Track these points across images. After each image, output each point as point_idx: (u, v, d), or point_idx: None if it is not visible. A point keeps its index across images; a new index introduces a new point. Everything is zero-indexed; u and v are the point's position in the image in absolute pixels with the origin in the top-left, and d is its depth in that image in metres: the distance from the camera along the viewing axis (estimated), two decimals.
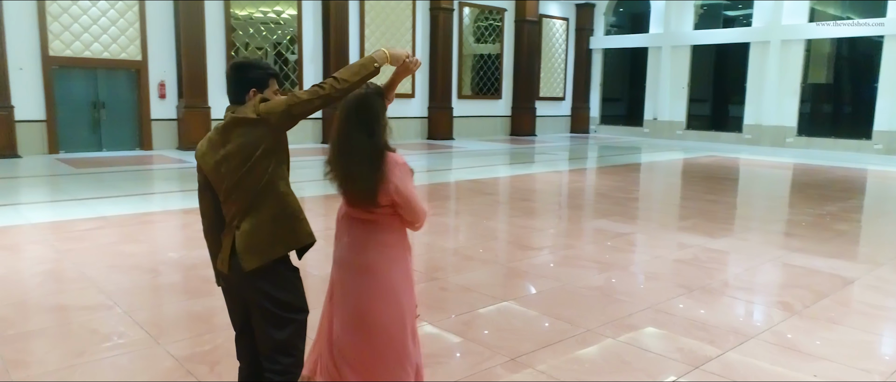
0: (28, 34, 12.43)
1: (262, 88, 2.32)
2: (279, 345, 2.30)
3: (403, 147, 16.40)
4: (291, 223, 2.32)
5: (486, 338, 3.77)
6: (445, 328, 3.92)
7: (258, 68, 2.34)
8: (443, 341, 3.73)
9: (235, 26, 15.35)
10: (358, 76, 2.20)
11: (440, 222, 7.31)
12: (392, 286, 2.31)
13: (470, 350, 3.59)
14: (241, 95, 2.31)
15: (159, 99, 14.33)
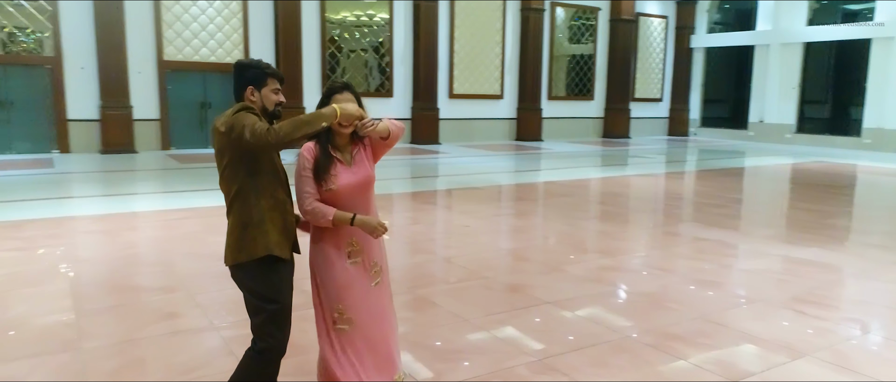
0: (146, 41, 13.64)
1: (260, 86, 2.45)
2: (254, 329, 2.45)
3: (490, 148, 16.45)
4: (253, 234, 2.38)
5: (517, 338, 3.74)
6: (478, 325, 3.92)
7: (256, 68, 2.46)
8: (472, 338, 3.74)
9: (330, 29, 16.04)
10: (298, 132, 2.26)
11: (507, 223, 7.28)
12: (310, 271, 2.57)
13: (497, 349, 3.58)
14: (239, 93, 2.46)
15: None
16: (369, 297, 2.59)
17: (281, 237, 2.44)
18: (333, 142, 2.52)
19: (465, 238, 6.47)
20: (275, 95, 2.47)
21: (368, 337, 2.57)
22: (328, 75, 16.11)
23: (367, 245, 2.59)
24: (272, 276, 2.42)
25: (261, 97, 2.45)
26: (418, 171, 12.47)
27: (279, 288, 2.43)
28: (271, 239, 2.39)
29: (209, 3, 14.31)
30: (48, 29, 12.78)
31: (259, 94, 2.45)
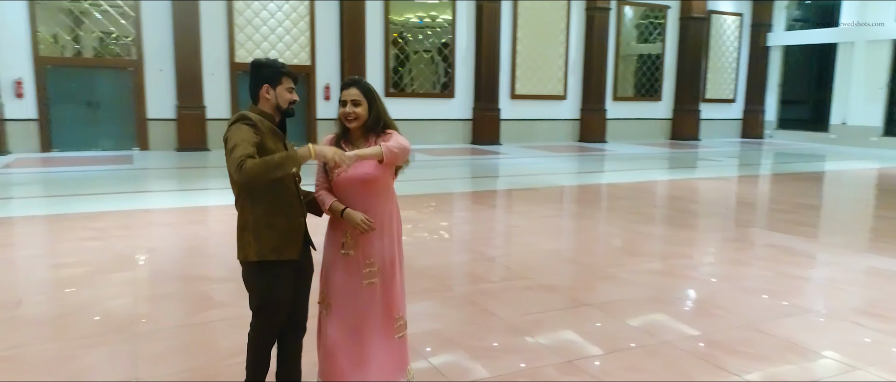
0: (219, 44, 14.32)
1: (275, 84, 2.53)
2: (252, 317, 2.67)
3: (551, 149, 16.30)
4: (248, 238, 2.51)
5: (549, 339, 3.71)
6: (512, 325, 3.93)
7: (270, 67, 2.54)
8: (504, 337, 3.74)
9: (393, 31, 16.32)
10: (268, 175, 2.32)
11: (559, 224, 7.22)
12: None
13: (528, 349, 3.57)
14: (255, 91, 2.55)
15: (324, 100, 15.70)
16: (355, 292, 2.67)
17: (281, 241, 2.52)
18: (347, 136, 2.62)
19: (514, 239, 6.46)
20: (289, 94, 2.56)
21: (344, 327, 2.68)
22: (391, 77, 16.40)
23: (364, 243, 2.65)
24: (265, 276, 2.54)
25: (276, 95, 2.53)
26: (476, 171, 12.50)
27: (271, 286, 2.55)
28: (265, 245, 2.49)
29: (278, 7, 14.86)
30: (131, 33, 13.62)
31: (274, 92, 2.53)
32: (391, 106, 12.35)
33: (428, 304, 4.32)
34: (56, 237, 6.32)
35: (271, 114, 2.55)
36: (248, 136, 2.38)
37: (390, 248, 2.73)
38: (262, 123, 2.49)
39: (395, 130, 2.69)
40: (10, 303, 4.24)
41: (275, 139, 2.51)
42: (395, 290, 2.75)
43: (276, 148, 2.48)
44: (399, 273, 2.79)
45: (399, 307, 2.78)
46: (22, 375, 3.18)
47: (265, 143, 2.44)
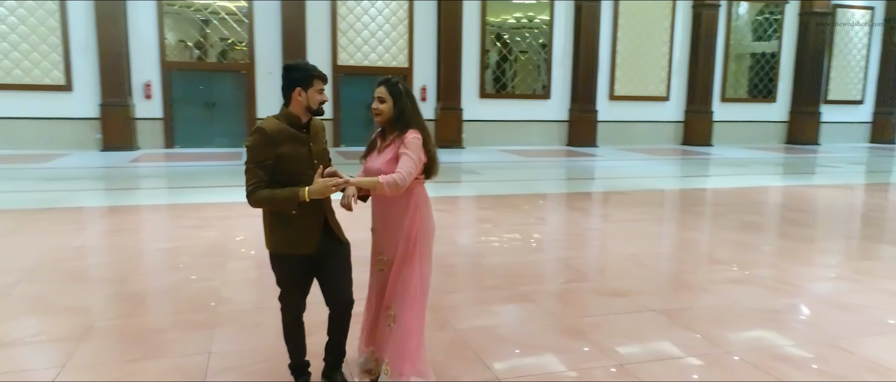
0: (323, 48, 15.08)
1: (306, 87, 2.68)
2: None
3: (651, 152, 15.75)
4: (267, 231, 2.80)
5: (605, 341, 3.65)
6: (570, 325, 3.90)
7: (302, 70, 2.70)
8: (558, 337, 3.73)
9: (489, 32, 16.43)
10: (268, 205, 2.64)
11: (641, 228, 7.01)
12: None
13: (580, 350, 3.54)
14: (287, 93, 2.71)
15: (421, 102, 16.07)
16: (374, 272, 3.02)
17: (295, 236, 2.71)
18: (383, 131, 2.76)
19: (590, 241, 6.36)
20: (319, 95, 2.73)
21: (369, 299, 3.05)
22: (487, 78, 16.51)
23: (382, 231, 2.93)
24: (279, 265, 2.81)
25: (307, 97, 2.69)
26: (567, 173, 12.33)
27: (285, 275, 2.82)
28: (279, 239, 2.74)
29: (379, 11, 15.40)
30: (245, 39, 14.67)
31: (306, 94, 2.69)
32: (487, 107, 12.62)
33: (487, 302, 4.37)
34: (164, 224, 6.97)
35: (300, 114, 2.71)
36: (260, 155, 2.61)
37: (401, 246, 2.84)
38: (283, 131, 2.65)
39: (420, 129, 2.82)
40: (116, 280, 4.76)
41: (295, 144, 2.68)
42: (395, 283, 2.87)
43: (295, 152, 2.67)
44: (405, 270, 2.85)
45: (391, 299, 2.89)
46: (116, 343, 3.57)
47: (282, 150, 2.64)
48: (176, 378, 3.14)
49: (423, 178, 2.90)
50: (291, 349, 2.95)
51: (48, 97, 13.44)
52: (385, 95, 2.81)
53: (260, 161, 2.60)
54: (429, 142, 2.84)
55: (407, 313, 2.84)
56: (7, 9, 13.04)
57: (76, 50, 13.48)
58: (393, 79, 2.85)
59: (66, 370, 3.20)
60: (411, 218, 2.84)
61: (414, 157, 2.73)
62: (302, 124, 2.73)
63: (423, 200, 2.91)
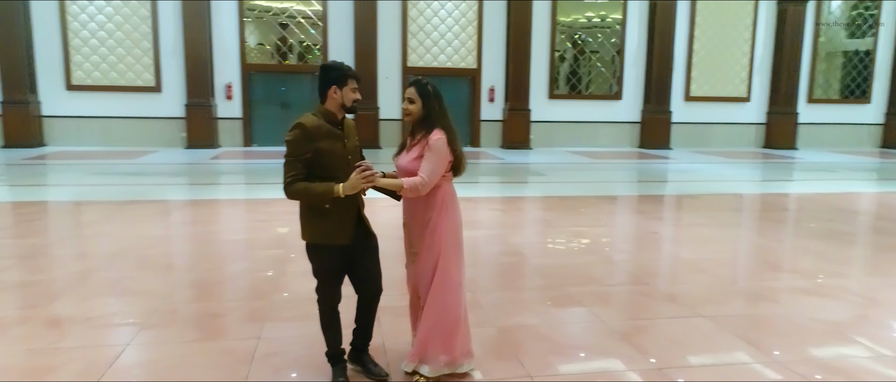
0: (393, 50, 15.40)
1: (341, 85, 2.82)
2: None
3: (727, 155, 15.14)
4: (303, 223, 2.93)
5: (647, 344, 3.59)
6: (612, 328, 3.85)
7: (337, 70, 2.83)
8: (598, 339, 3.69)
9: (560, 32, 16.26)
10: (303, 197, 2.80)
11: (703, 233, 6.78)
12: None
13: (619, 352, 3.49)
14: (323, 92, 2.84)
15: (489, 102, 16.12)
16: (408, 266, 3.10)
17: (331, 228, 2.86)
18: (412, 130, 2.85)
19: (649, 245, 6.21)
20: (353, 94, 2.85)
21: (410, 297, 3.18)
22: (555, 78, 16.35)
23: (409, 225, 3.04)
24: (316, 255, 2.96)
25: (342, 95, 2.82)
26: (635, 175, 12.04)
27: (321, 264, 2.96)
28: (316, 230, 2.88)
29: (448, 13, 15.57)
30: (319, 41, 15.20)
31: (340, 92, 2.82)
32: (556, 108, 12.53)
33: (532, 301, 4.38)
34: (236, 217, 7.36)
35: (335, 112, 2.84)
36: (299, 149, 2.75)
37: (426, 240, 2.94)
38: (321, 127, 2.79)
39: (445, 131, 2.87)
40: (186, 267, 5.09)
41: (331, 140, 2.82)
42: (424, 276, 2.98)
43: (332, 148, 2.81)
44: (432, 264, 2.94)
45: (421, 290, 3.01)
46: (177, 325, 3.84)
47: (320, 145, 2.77)
48: (226, 359, 3.34)
49: (451, 175, 2.98)
50: (328, 338, 3.08)
51: (140, 98, 14.43)
52: (414, 95, 2.89)
53: (299, 155, 2.75)
54: (454, 141, 2.91)
55: (436, 304, 2.94)
56: (105, 16, 14.11)
57: (165, 54, 14.40)
58: (422, 80, 2.93)
59: (130, 347, 3.47)
60: (437, 214, 2.92)
61: (436, 160, 2.82)
62: (338, 122, 2.87)
63: (450, 197, 2.98)
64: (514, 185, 10.65)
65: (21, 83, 13.57)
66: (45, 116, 14.14)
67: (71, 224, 6.91)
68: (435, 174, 2.84)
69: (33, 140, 13.80)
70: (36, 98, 13.97)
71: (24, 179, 10.09)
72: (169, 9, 14.25)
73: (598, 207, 8.11)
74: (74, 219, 7.23)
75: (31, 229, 6.47)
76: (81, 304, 4.15)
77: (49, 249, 5.62)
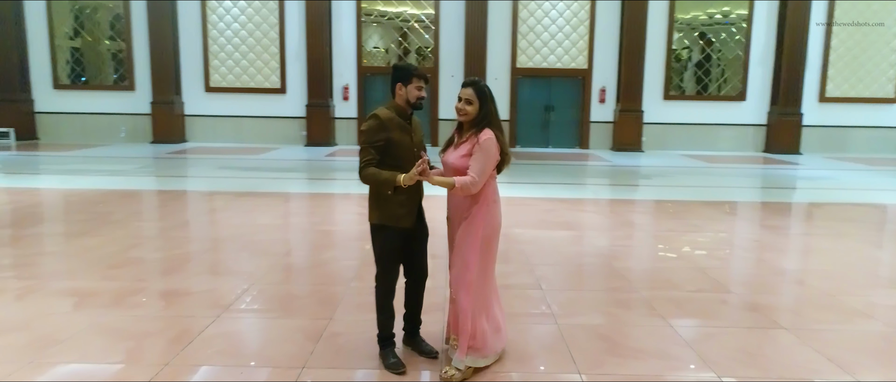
0: (503, 51, 15.50)
1: (406, 83, 3.02)
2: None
3: (871, 162, 13.77)
4: (371, 205, 3.13)
5: (712, 352, 3.44)
6: (680, 333, 3.73)
7: (403, 69, 3.03)
8: (662, 343, 3.59)
9: (678, 30, 15.56)
10: (371, 181, 2.98)
11: (812, 243, 6.28)
12: None
13: (679, 358, 3.39)
14: (393, 88, 3.06)
15: (599, 103, 15.77)
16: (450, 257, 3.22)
17: (399, 211, 3.08)
18: (460, 127, 2.95)
19: (744, 252, 5.86)
20: (417, 91, 3.03)
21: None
22: (671, 78, 15.67)
23: (451, 219, 3.17)
24: (381, 236, 3.14)
25: (406, 92, 3.03)
26: (752, 181, 11.27)
27: (384, 244, 3.14)
28: (385, 213, 3.07)
29: (559, 13, 15.42)
30: (431, 44, 15.64)
31: (405, 89, 3.03)
32: (671, 109, 12.21)
33: (601, 302, 4.32)
34: (335, 210, 7.83)
35: (403, 107, 3.06)
36: (373, 136, 2.97)
37: (461, 233, 3.03)
38: (393, 119, 3.03)
39: (497, 131, 2.96)
40: (280, 253, 5.53)
41: (401, 132, 3.04)
42: (452, 268, 3.08)
43: (401, 139, 3.02)
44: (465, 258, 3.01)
45: (450, 282, 3.11)
46: (262, 303, 4.22)
47: (392, 135, 2.99)
48: (296, 335, 3.64)
49: (495, 173, 3.06)
50: (382, 320, 3.27)
51: (267, 99, 15.64)
52: (473, 97, 2.97)
53: (373, 142, 3.00)
54: (501, 139, 2.99)
55: (464, 297, 3.02)
56: (240, 23, 15.44)
57: (290, 57, 15.50)
58: (480, 82, 3.01)
59: (218, 320, 3.87)
60: (477, 209, 3.00)
61: (485, 159, 2.90)
62: (406, 116, 3.08)
63: (492, 194, 3.05)
64: (615, 187, 10.38)
65: (168, 86, 15.19)
66: (187, 115, 15.73)
67: (194, 211, 7.69)
68: (484, 173, 2.93)
69: (176, 136, 15.40)
70: (180, 99, 15.58)
71: (164, 170, 11.33)
72: (294, 15, 15.32)
73: (701, 212, 7.73)
74: (198, 206, 8.04)
75: (161, 213, 7.29)
76: (187, 280, 4.67)
77: (171, 231, 6.32)
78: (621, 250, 5.85)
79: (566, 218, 7.24)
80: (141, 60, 15.48)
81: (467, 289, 3.02)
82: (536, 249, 5.75)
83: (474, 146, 2.93)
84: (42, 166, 11.67)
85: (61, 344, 3.46)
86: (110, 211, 7.15)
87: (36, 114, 15.82)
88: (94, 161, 12.11)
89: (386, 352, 3.25)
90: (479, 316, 3.07)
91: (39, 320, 3.82)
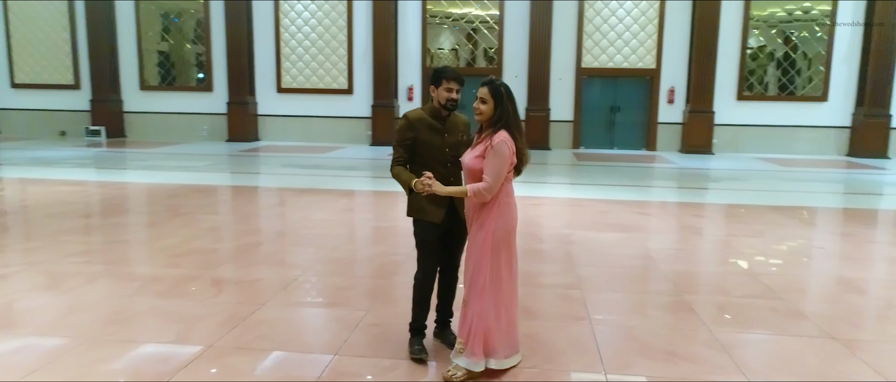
0: (568, 51, 15.33)
1: (437, 85, 3.12)
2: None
3: None
4: (409, 199, 3.23)
5: (749, 358, 3.34)
6: (715, 339, 3.62)
7: (437, 72, 3.14)
8: (697, 348, 3.51)
9: (753, 28, 14.91)
10: (397, 180, 3.20)
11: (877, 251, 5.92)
12: None
13: (713, 361, 3.30)
14: (429, 90, 3.16)
15: (668, 104, 15.32)
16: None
17: (425, 206, 3.19)
18: (481, 127, 2.98)
19: (803, 259, 5.59)
20: (447, 93, 3.11)
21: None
22: (746, 78, 15.03)
23: (468, 217, 3.13)
24: (416, 228, 3.28)
25: (437, 94, 3.13)
26: (830, 186, 10.65)
27: (419, 236, 3.27)
28: (413, 207, 3.23)
29: (627, 11, 15.10)
30: (495, 44, 15.67)
31: (437, 91, 3.13)
32: (744, 110, 11.86)
33: (642, 304, 4.26)
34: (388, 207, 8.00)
35: (437, 108, 3.16)
36: (401, 135, 3.17)
37: (472, 234, 3.05)
38: (422, 119, 3.17)
39: (514, 132, 2.94)
40: (330, 247, 5.73)
41: (431, 132, 3.16)
42: (466, 271, 3.07)
43: (431, 139, 3.15)
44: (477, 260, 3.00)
45: (464, 285, 3.10)
46: (307, 292, 4.41)
47: (419, 135, 3.14)
48: (334, 323, 3.79)
49: (512, 175, 3.04)
50: (415, 310, 3.35)
51: (334, 99, 16.12)
52: (487, 96, 2.95)
53: (401, 141, 3.18)
54: (519, 141, 2.95)
55: (476, 301, 3.01)
56: (310, 26, 16.00)
57: (357, 59, 15.92)
58: (496, 81, 2.98)
59: (264, 307, 4.08)
60: (487, 212, 2.99)
61: (498, 163, 2.87)
62: (441, 117, 3.18)
63: (505, 196, 3.00)
64: (678, 190, 10.08)
65: (243, 87, 15.93)
66: (260, 115, 16.44)
67: (256, 205, 8.07)
68: (498, 177, 2.90)
69: (249, 135, 16.13)
70: (253, 99, 16.30)
71: (234, 167, 11.91)
72: (362, 16, 15.72)
73: (766, 217, 7.41)
74: (260, 201, 8.42)
75: (225, 207, 7.70)
76: (240, 270, 4.93)
77: (233, 224, 6.67)
78: (673, 253, 5.71)
79: (621, 220, 7.12)
80: (218, 61, 16.30)
81: (479, 293, 3.00)
82: (584, 250, 5.70)
83: (488, 148, 2.91)
84: (126, 162, 12.52)
85: (120, 324, 3.75)
86: (180, 204, 7.61)
87: (124, 113, 16.95)
88: (172, 158, 12.87)
89: (413, 340, 3.35)
90: (491, 320, 3.03)
91: (105, 301, 4.15)
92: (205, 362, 3.23)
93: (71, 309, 3.99)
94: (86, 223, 6.57)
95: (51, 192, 8.42)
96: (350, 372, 3.16)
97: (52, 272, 4.77)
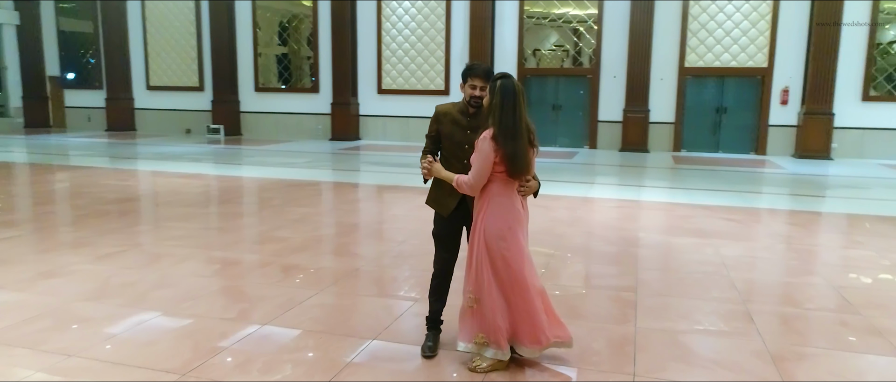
0: (670, 50, 14.72)
1: (463, 82, 3.19)
2: None
3: None
4: (429, 190, 3.38)
5: (799, 373, 3.14)
6: (767, 350, 3.43)
7: (464, 69, 3.19)
8: (747, 357, 3.34)
9: (883, 21, 13.58)
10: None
11: None
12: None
13: (756, 373, 3.14)
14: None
15: (781, 105, 14.31)
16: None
17: (438, 197, 3.32)
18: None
19: None
20: (470, 90, 3.15)
21: None
22: (873, 77, 13.70)
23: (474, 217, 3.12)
24: (435, 217, 3.40)
25: (464, 90, 3.20)
26: None
27: (435, 226, 3.40)
28: (430, 196, 3.37)
29: (736, 8, 14.28)
30: (592, 45, 15.36)
31: (464, 87, 3.20)
32: (870, 111, 11.53)
33: (698, 310, 4.09)
34: None
35: (464, 105, 3.22)
36: (429, 128, 3.32)
37: (473, 235, 3.07)
38: (448, 113, 3.26)
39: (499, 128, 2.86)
40: (397, 241, 5.95)
41: (453, 126, 3.23)
42: (469, 268, 3.08)
43: (452, 132, 3.22)
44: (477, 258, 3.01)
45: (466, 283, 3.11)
46: (360, 282, 4.64)
47: (442, 128, 3.25)
48: (380, 312, 3.98)
49: (505, 175, 2.94)
50: (430, 302, 3.44)
51: (431, 100, 16.44)
52: (487, 90, 3.00)
53: (429, 133, 3.34)
54: (506, 141, 2.84)
55: (486, 298, 3.03)
56: (410, 29, 16.49)
57: (454, 60, 16.20)
58: (497, 75, 2.95)
59: (320, 293, 4.34)
60: (478, 212, 3.03)
61: (479, 160, 2.90)
62: (468, 113, 3.24)
63: (498, 196, 2.96)
64: (778, 196, 9.42)
65: (346, 88, 16.72)
66: (361, 115, 17.17)
67: (340, 200, 8.48)
68: (478, 174, 2.90)
69: (351, 134, 16.89)
70: (356, 100, 17.05)
71: (330, 164, 12.56)
72: (459, 17, 15.98)
73: (872, 228, 6.79)
74: (345, 196, 8.84)
75: (312, 200, 8.17)
76: (311, 258, 5.26)
77: (315, 217, 7.09)
78: (748, 261, 5.40)
79: (702, 225, 6.80)
80: (324, 64, 17.20)
81: (487, 290, 3.02)
82: (651, 253, 5.53)
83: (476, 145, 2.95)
84: (237, 158, 13.56)
85: (194, 300, 4.15)
86: (272, 197, 8.18)
87: (241, 113, 18.32)
88: (278, 154, 13.78)
89: (427, 335, 3.43)
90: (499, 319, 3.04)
91: (185, 280, 4.60)
92: (254, 340, 3.53)
93: (156, 286, 4.46)
94: (188, 212, 7.25)
95: (167, 183, 9.35)
96: (381, 357, 3.33)
97: (151, 253, 5.34)
